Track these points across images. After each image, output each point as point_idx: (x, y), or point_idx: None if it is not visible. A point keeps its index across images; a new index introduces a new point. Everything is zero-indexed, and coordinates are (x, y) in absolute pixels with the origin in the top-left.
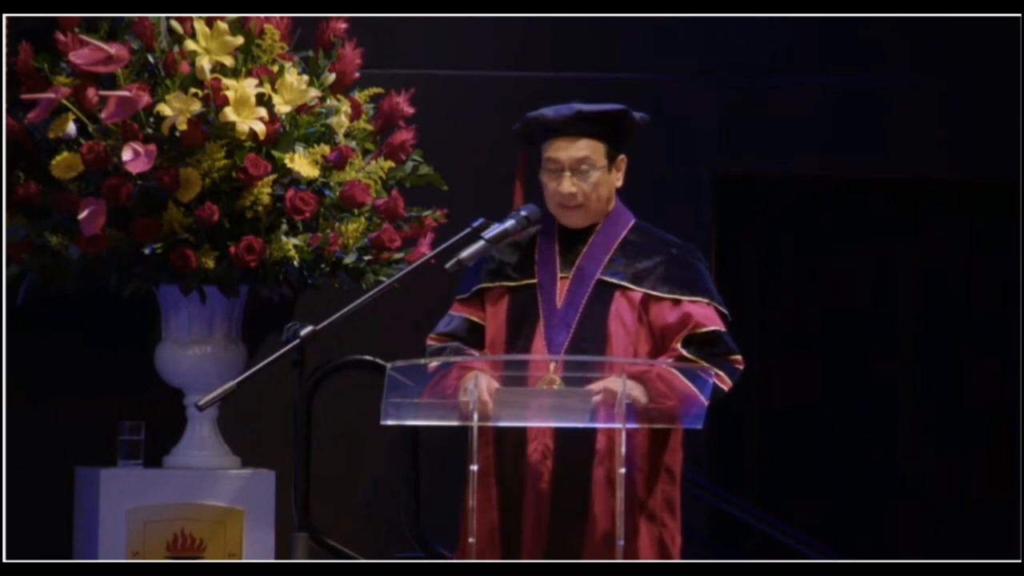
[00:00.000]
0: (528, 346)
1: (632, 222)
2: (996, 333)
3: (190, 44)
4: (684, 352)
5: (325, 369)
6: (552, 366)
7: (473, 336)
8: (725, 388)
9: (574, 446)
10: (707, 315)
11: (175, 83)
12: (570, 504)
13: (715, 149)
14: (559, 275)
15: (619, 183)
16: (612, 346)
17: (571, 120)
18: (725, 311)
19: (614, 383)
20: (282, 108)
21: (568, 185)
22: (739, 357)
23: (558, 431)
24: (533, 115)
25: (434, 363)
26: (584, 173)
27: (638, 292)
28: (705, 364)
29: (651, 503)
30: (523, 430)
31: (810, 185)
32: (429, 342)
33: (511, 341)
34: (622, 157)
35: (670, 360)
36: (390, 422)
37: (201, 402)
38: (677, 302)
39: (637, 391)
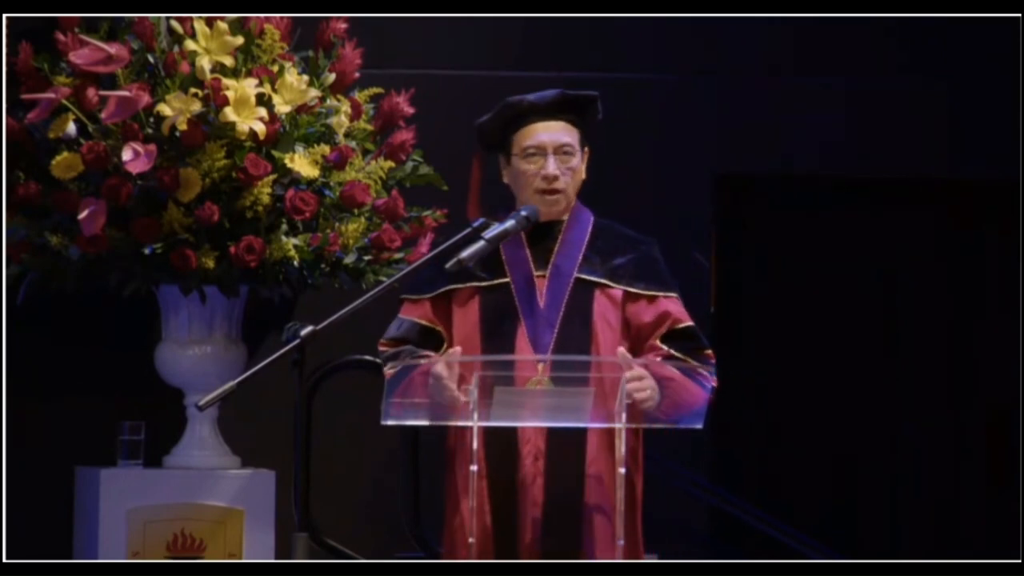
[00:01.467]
0: (511, 347)
1: (592, 218)
2: (996, 333)
3: (190, 44)
4: (667, 348)
5: (325, 369)
6: (540, 367)
7: (424, 340)
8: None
9: (566, 446)
10: (680, 311)
11: (175, 83)
12: (563, 505)
13: (715, 149)
14: (535, 273)
15: (583, 175)
16: (598, 345)
17: (555, 102)
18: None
19: (639, 382)
20: (282, 108)
21: (553, 167)
22: (711, 351)
23: (550, 435)
24: (514, 98)
25: (435, 365)
26: (567, 156)
27: (618, 290)
28: (702, 369)
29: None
30: (514, 433)
31: (810, 185)
32: (381, 348)
33: (488, 341)
34: (587, 149)
35: (659, 358)
36: (390, 422)
37: (201, 402)
38: (653, 299)
39: (655, 395)
